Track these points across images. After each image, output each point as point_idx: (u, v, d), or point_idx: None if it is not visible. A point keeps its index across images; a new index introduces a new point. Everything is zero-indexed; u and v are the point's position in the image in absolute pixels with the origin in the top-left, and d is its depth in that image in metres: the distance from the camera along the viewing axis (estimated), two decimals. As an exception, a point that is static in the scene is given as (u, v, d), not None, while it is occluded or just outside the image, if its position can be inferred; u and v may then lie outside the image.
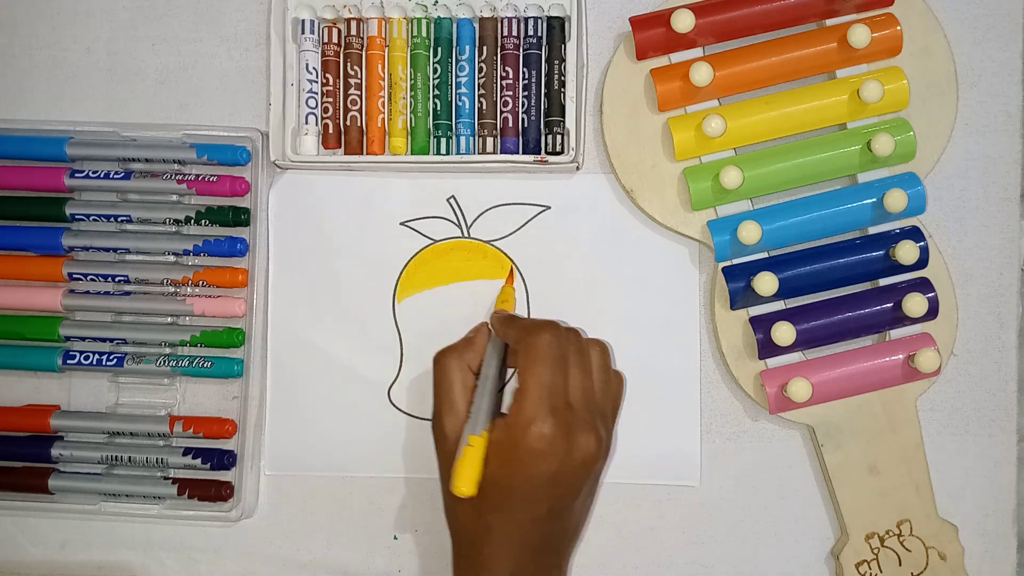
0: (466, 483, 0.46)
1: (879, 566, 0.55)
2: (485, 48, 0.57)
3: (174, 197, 0.57)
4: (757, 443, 0.57)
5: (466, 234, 0.58)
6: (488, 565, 0.48)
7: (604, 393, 0.51)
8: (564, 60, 0.56)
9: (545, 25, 0.57)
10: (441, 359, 0.51)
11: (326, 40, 0.57)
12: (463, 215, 0.58)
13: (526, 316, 0.53)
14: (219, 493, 0.57)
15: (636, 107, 0.56)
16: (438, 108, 0.57)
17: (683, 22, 0.54)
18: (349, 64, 0.57)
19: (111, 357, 0.57)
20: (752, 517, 0.57)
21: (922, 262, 0.54)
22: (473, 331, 0.53)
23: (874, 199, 0.54)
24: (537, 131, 0.57)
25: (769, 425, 0.57)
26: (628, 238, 0.57)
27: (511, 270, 0.57)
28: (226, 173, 0.57)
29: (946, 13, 0.57)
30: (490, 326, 0.53)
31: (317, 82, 0.57)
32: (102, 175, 0.57)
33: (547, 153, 0.56)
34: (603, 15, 0.58)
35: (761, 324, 0.55)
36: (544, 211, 0.58)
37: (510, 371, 0.54)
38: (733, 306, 0.55)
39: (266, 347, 0.58)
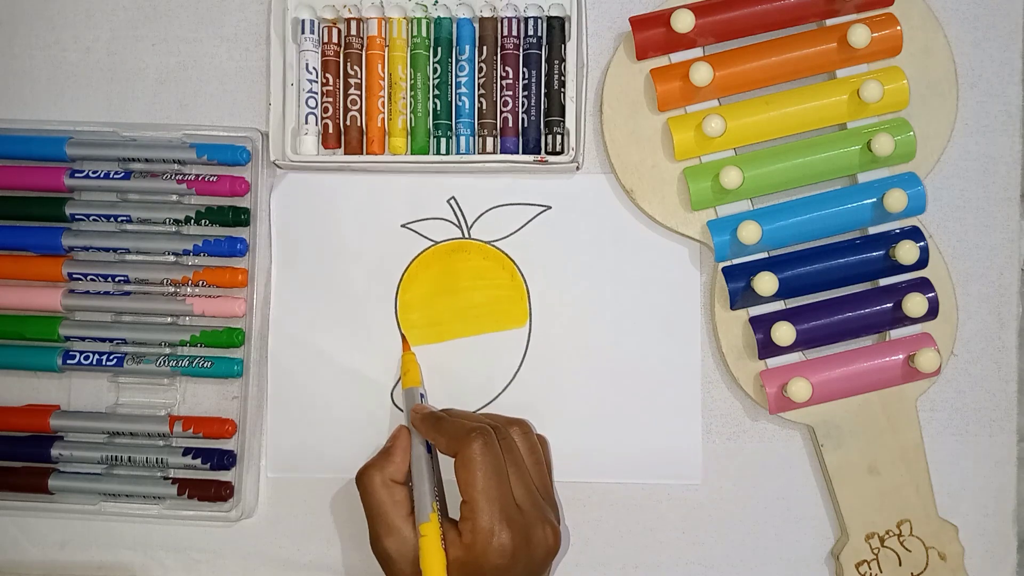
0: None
1: (879, 566, 0.55)
2: (485, 48, 0.57)
3: (174, 197, 0.57)
4: (757, 443, 0.57)
5: (467, 235, 0.58)
6: None
7: (539, 474, 0.51)
8: (564, 60, 0.56)
9: (545, 25, 0.57)
10: (362, 479, 0.52)
11: (326, 40, 0.57)
12: (463, 216, 0.58)
13: (445, 415, 0.53)
14: (219, 493, 0.57)
15: (636, 107, 0.56)
16: (438, 108, 0.57)
17: (683, 22, 0.54)
18: (349, 64, 0.57)
19: (111, 357, 0.57)
20: (752, 517, 0.57)
21: (922, 262, 0.54)
22: (391, 439, 0.53)
23: (874, 199, 0.54)
24: (537, 131, 0.57)
25: (769, 425, 0.57)
26: (628, 238, 0.57)
27: (403, 337, 0.57)
28: (226, 173, 0.57)
29: (946, 13, 0.57)
30: (411, 426, 0.53)
31: (317, 82, 0.57)
32: (102, 175, 0.57)
33: (547, 153, 0.56)
34: (603, 15, 0.58)
35: (761, 324, 0.55)
36: (544, 211, 0.58)
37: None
38: (733, 306, 0.55)
39: (266, 347, 0.58)
